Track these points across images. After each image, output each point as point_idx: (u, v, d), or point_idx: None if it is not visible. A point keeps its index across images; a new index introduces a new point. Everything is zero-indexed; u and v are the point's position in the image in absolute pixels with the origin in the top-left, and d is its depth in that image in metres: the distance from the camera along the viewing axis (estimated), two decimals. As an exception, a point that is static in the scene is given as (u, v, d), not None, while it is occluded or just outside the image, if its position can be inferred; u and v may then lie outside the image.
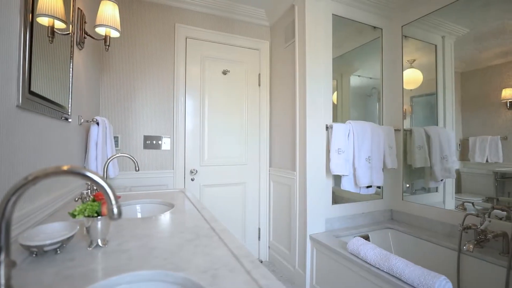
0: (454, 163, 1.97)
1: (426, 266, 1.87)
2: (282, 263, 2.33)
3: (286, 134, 2.34)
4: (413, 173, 2.27)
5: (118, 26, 1.47)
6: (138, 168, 1.38)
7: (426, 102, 2.21)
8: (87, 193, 1.06)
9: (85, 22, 1.42)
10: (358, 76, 2.47)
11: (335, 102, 2.37)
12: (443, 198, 2.06)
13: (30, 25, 0.87)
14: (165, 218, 1.07)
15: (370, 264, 1.43)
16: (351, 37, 2.36)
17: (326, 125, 2.07)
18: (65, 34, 1.17)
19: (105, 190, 0.42)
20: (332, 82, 2.15)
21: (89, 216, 0.75)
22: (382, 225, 2.19)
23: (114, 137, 2.08)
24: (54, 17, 0.96)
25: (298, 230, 2.10)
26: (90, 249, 0.74)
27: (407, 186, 2.31)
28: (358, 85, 2.46)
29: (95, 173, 0.42)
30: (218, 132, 2.45)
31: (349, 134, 2.04)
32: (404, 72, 2.30)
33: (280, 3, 2.34)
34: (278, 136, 2.50)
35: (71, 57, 1.26)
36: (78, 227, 0.77)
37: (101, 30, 1.47)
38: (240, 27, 2.55)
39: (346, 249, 1.63)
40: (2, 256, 0.42)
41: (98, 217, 0.76)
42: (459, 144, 1.94)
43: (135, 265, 0.65)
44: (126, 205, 1.34)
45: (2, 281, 0.42)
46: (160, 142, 2.24)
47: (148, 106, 2.21)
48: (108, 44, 1.49)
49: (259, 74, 2.62)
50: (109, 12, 1.40)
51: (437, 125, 2.10)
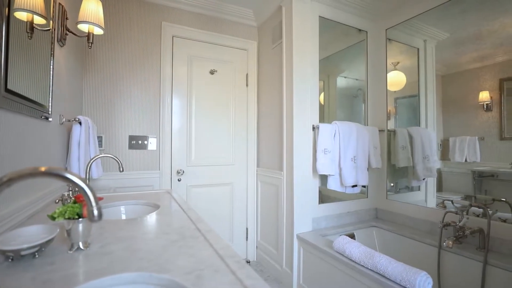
0: (435, 163, 2.04)
1: (408, 262, 1.92)
2: (270, 263, 2.34)
3: (274, 134, 2.35)
4: (396, 172, 2.34)
5: (102, 23, 1.43)
6: (122, 168, 1.35)
7: (409, 103, 2.27)
8: (68, 194, 1.03)
9: (66, 18, 1.37)
10: (345, 77, 2.51)
11: (322, 103, 2.40)
12: (425, 197, 2.13)
13: (7, 20, 0.83)
14: (150, 220, 1.05)
15: (355, 262, 1.46)
16: (338, 39, 2.40)
17: (313, 125, 2.09)
18: (45, 30, 1.13)
19: (84, 192, 0.41)
20: (319, 83, 2.18)
21: (69, 218, 0.73)
22: (367, 223, 2.24)
23: (98, 137, 2.02)
24: (33, 12, 0.93)
25: (285, 230, 2.12)
26: (71, 252, 0.72)
27: (391, 185, 2.37)
28: (344, 86, 2.51)
29: (74, 174, 0.41)
30: (206, 132, 2.44)
31: (335, 134, 2.07)
32: (388, 74, 2.36)
33: (267, 4, 2.35)
34: (265, 136, 2.51)
35: (52, 54, 1.22)
36: (58, 230, 0.74)
37: (83, 27, 1.43)
38: (228, 27, 2.54)
39: (332, 247, 1.66)
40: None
41: (80, 219, 0.74)
42: (440, 144, 2.01)
43: (118, 267, 0.63)
44: (109, 206, 1.31)
45: (-26, 287, 0.40)
46: (146, 142, 2.20)
47: (133, 106, 2.17)
48: (91, 41, 1.45)
49: (247, 74, 2.62)
50: (92, 8, 1.36)
51: (419, 126, 2.17)
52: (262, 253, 2.49)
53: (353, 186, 2.12)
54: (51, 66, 1.22)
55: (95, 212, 0.43)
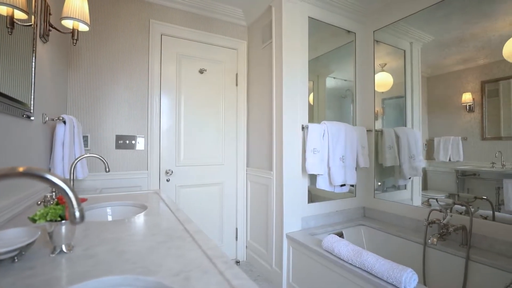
0: (421, 162, 2.09)
1: (395, 259, 1.97)
2: (260, 263, 2.34)
3: (263, 134, 2.35)
4: (384, 171, 2.38)
5: (87, 19, 1.40)
6: (108, 169, 1.32)
7: (396, 104, 2.32)
8: (52, 196, 1.00)
9: (49, 14, 1.33)
10: (334, 78, 2.54)
11: (312, 103, 2.42)
12: (411, 195, 2.18)
13: (-15, 14, 0.80)
14: (137, 221, 1.03)
15: (344, 260, 1.48)
16: (327, 40, 2.43)
17: (302, 125, 2.10)
18: (26, 26, 1.09)
19: (65, 193, 0.40)
20: (308, 83, 2.19)
21: (51, 220, 0.70)
22: (355, 222, 2.28)
23: (84, 136, 1.97)
24: (14, 6, 0.90)
25: (275, 229, 2.13)
26: (53, 255, 0.70)
27: (379, 184, 2.42)
28: (333, 86, 2.54)
29: (54, 174, 0.39)
30: (195, 132, 2.41)
31: (324, 134, 2.09)
32: (376, 75, 2.41)
33: (257, 4, 2.35)
34: (255, 136, 2.51)
35: (34, 50, 1.18)
36: (39, 233, 0.72)
37: (68, 23, 1.39)
38: (217, 26, 2.53)
39: (321, 246, 1.68)
40: None
41: (62, 221, 0.71)
42: (425, 144, 2.06)
43: (103, 270, 0.62)
44: (95, 208, 1.28)
45: None
46: (133, 142, 2.16)
47: (120, 105, 2.12)
48: (76, 38, 1.41)
49: (237, 74, 2.61)
50: (77, 3, 1.32)
51: (405, 126, 2.22)
52: (252, 253, 2.49)
53: (341, 186, 2.14)
54: (33, 63, 1.18)
55: (77, 214, 0.41)
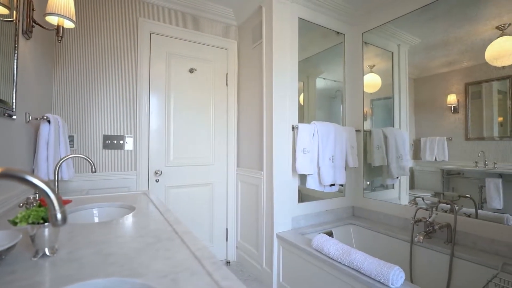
0: (408, 162, 2.13)
1: (383, 257, 2.00)
2: (250, 263, 2.34)
3: (254, 134, 2.35)
4: (372, 171, 2.42)
5: (73, 15, 1.36)
6: (95, 169, 1.29)
7: (384, 105, 2.36)
8: (34, 197, 0.97)
9: (33, 9, 1.29)
10: (324, 78, 2.56)
11: (302, 103, 2.44)
12: (399, 194, 2.22)
13: (-38, 8, 0.76)
14: (124, 222, 1.01)
15: (333, 259, 1.50)
16: (317, 41, 2.45)
17: (292, 125, 2.12)
18: (7, 21, 1.06)
19: (46, 194, 0.38)
20: (298, 84, 2.21)
21: (33, 223, 0.68)
22: (345, 221, 2.31)
23: (69, 136, 1.92)
24: (-7, 1, 0.86)
25: (265, 229, 2.13)
26: (35, 259, 0.67)
27: (367, 183, 2.46)
28: (323, 87, 2.56)
29: (34, 175, 0.38)
30: (185, 132, 2.39)
31: (314, 134, 2.11)
32: (364, 76, 2.44)
33: (248, 4, 2.35)
34: (246, 136, 2.50)
35: (16, 47, 1.14)
36: (21, 236, 0.69)
37: (52, 19, 1.35)
38: (208, 25, 2.51)
39: (311, 245, 1.69)
40: None
41: (45, 223, 0.69)
42: (412, 144, 2.11)
43: (87, 273, 0.60)
44: (81, 209, 1.24)
45: None
46: (122, 142, 2.12)
47: (108, 104, 2.08)
48: (61, 35, 1.37)
49: (227, 74, 2.60)
50: None
51: (393, 126, 2.27)
52: (242, 253, 2.49)
53: (331, 185, 2.17)
54: (15, 60, 1.14)
55: (59, 216, 0.40)
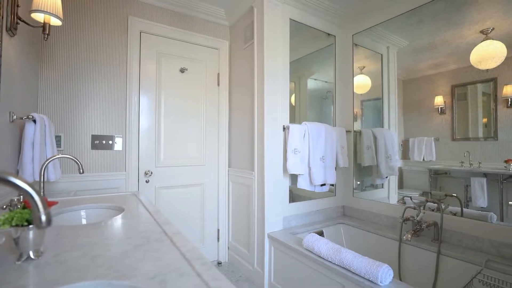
0: (397, 162, 2.17)
1: (373, 256, 2.03)
2: (242, 263, 2.33)
3: (245, 135, 2.35)
4: (362, 171, 2.46)
5: (60, 13, 1.33)
6: (82, 170, 1.26)
7: (374, 106, 2.40)
8: (19, 199, 0.94)
9: (17, 6, 1.25)
10: (315, 79, 2.59)
11: (293, 104, 2.45)
12: (388, 194, 2.26)
13: None
14: (112, 224, 0.99)
15: (324, 258, 1.51)
16: (308, 42, 2.47)
17: (284, 126, 2.13)
18: (-9, 18, 1.02)
19: (30, 195, 0.38)
20: (290, 85, 2.22)
21: (17, 225, 0.66)
22: (335, 220, 2.33)
23: (56, 136, 1.88)
24: (-25, -3, 0.83)
25: (256, 230, 2.13)
26: (19, 263, 0.66)
27: (357, 183, 2.49)
28: (314, 88, 2.58)
29: (16, 176, 0.37)
30: (175, 132, 2.37)
31: (304, 134, 2.13)
32: (355, 77, 2.48)
33: (239, 4, 2.35)
34: (237, 136, 2.50)
35: (-1, 44, 1.11)
36: (4, 239, 0.68)
37: (38, 17, 1.32)
38: (199, 25, 2.50)
39: (302, 245, 1.70)
40: None
41: (30, 226, 0.68)
42: (401, 144, 2.15)
43: (73, 276, 0.59)
44: (67, 211, 1.22)
45: None
46: (111, 142, 2.08)
47: (96, 103, 2.04)
48: (47, 32, 1.34)
49: (218, 74, 2.59)
50: (48, -3, 1.26)
51: (382, 127, 2.30)
52: (234, 253, 2.48)
53: (322, 185, 2.19)
54: (-1, 58, 1.11)
55: (43, 218, 0.39)
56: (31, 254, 0.68)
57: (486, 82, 1.67)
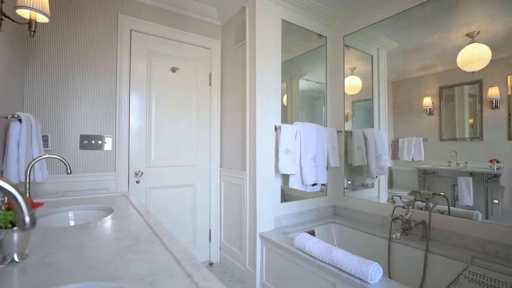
0: (387, 162, 2.21)
1: (363, 254, 2.06)
2: (233, 263, 2.33)
3: (237, 135, 2.35)
4: (353, 171, 2.49)
5: (47, 9, 1.30)
6: (70, 170, 1.23)
7: (365, 106, 2.44)
8: (2, 201, 0.91)
9: (1, 1, 1.21)
10: (306, 80, 2.61)
11: (285, 104, 2.46)
12: (378, 193, 2.30)
13: None
14: (101, 225, 0.98)
15: (315, 257, 1.52)
16: (300, 43, 2.49)
17: (275, 126, 2.13)
18: (-27, 14, 0.99)
19: (13, 196, 0.37)
20: (281, 85, 2.23)
21: (1, 227, 0.64)
22: (326, 220, 2.35)
23: (43, 136, 1.83)
24: (-43, -8, 0.81)
25: (248, 230, 2.13)
26: (3, 266, 0.64)
27: (348, 183, 2.52)
28: (306, 88, 2.60)
29: (0, 177, 0.36)
30: (167, 132, 2.34)
31: (296, 135, 2.14)
32: (345, 78, 2.51)
33: (231, 4, 2.34)
34: (229, 136, 2.49)
35: (-17, 41, 1.07)
36: (-14, 241, 0.65)
37: (24, 13, 1.28)
38: (191, 24, 2.48)
39: (293, 245, 1.71)
40: None
41: (14, 228, 0.66)
42: (391, 144, 2.19)
43: (60, 279, 0.58)
44: (55, 212, 1.19)
45: None
46: (100, 142, 2.05)
47: (85, 103, 2.00)
48: (34, 30, 1.30)
49: (210, 73, 2.58)
50: (34, -7, 1.22)
51: (373, 127, 2.34)
52: (225, 254, 2.47)
53: (313, 185, 2.20)
54: (-18, 55, 1.07)
55: (27, 219, 0.38)
56: (16, 257, 0.66)
57: (472, 84, 1.71)
